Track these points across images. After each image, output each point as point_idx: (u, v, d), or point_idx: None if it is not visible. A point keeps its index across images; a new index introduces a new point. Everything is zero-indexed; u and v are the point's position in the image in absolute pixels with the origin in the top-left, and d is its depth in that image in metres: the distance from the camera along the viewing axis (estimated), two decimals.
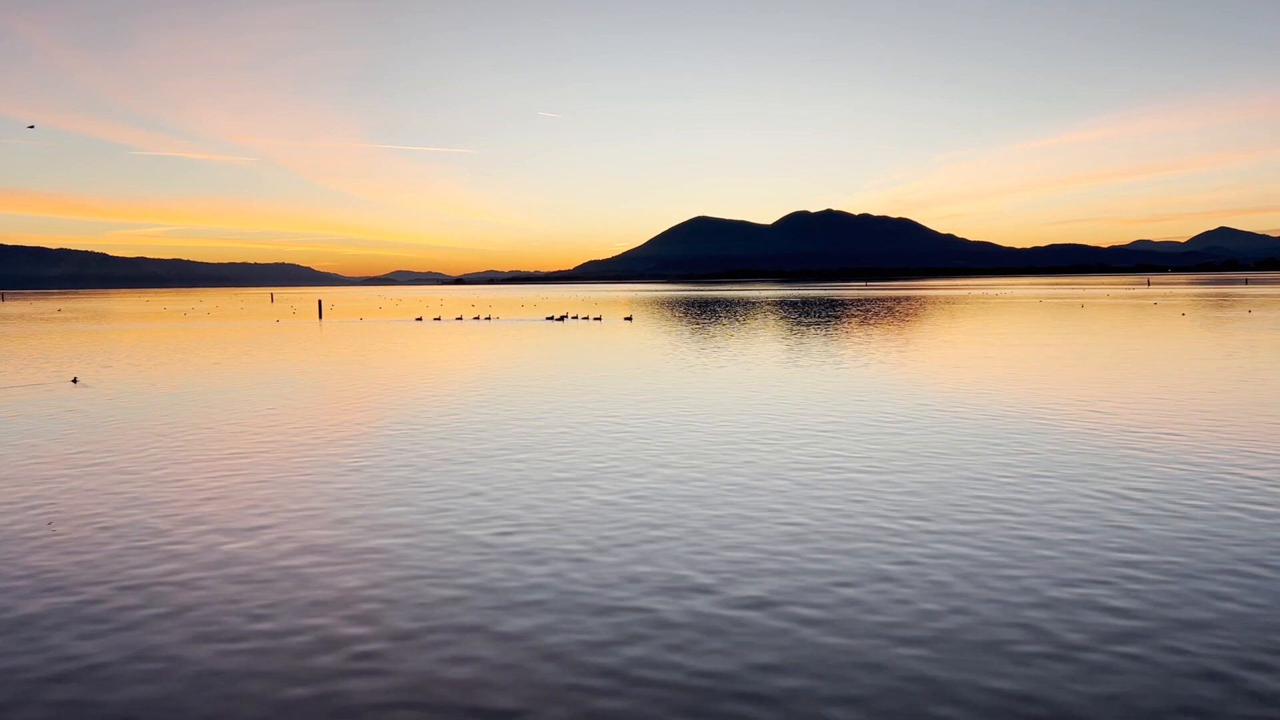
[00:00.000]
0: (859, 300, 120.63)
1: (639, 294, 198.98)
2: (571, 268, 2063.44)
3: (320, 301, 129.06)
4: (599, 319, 78.22)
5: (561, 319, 79.94)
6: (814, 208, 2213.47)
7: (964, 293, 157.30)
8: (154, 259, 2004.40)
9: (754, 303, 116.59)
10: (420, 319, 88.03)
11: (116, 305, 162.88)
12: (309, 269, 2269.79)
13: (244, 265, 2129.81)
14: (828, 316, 76.49)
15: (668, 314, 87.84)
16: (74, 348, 51.89)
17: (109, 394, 29.39)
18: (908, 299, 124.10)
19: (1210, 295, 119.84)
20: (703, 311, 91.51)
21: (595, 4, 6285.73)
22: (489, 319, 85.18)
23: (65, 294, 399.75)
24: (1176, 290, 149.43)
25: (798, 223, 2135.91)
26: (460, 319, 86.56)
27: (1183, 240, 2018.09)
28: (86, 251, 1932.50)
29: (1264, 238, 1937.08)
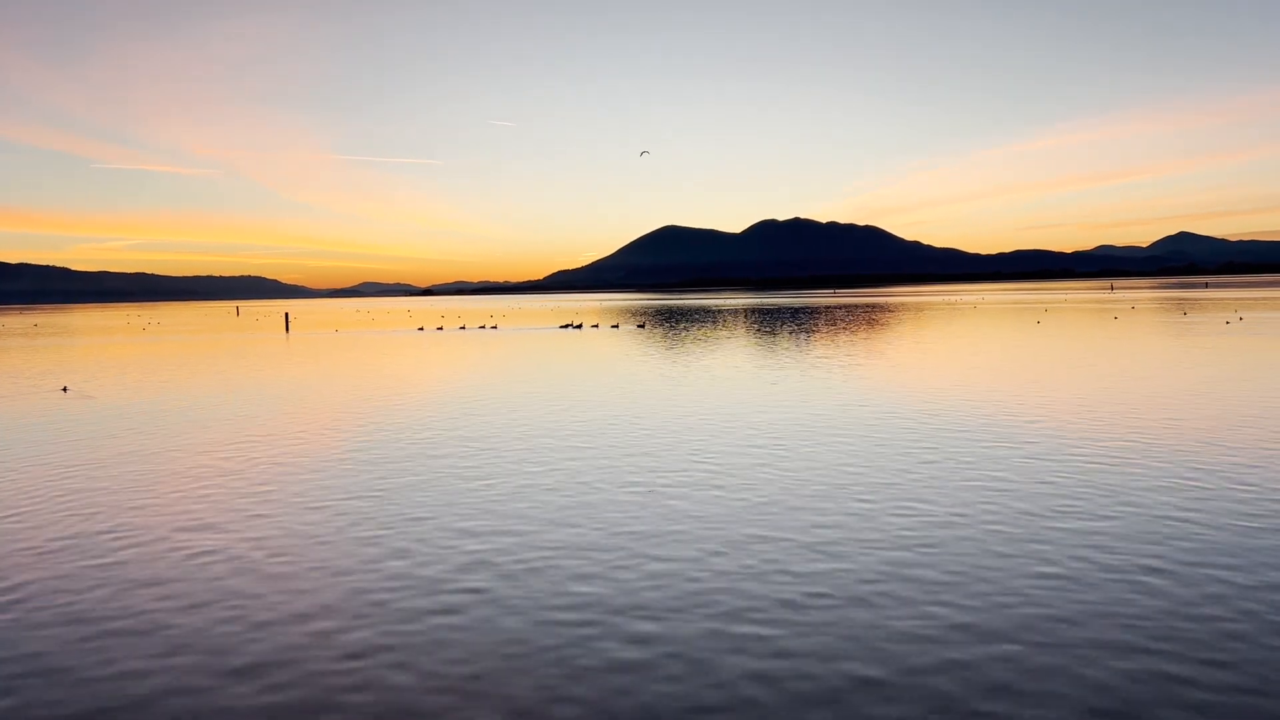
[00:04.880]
0: (832, 308, 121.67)
1: (611, 303, 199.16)
2: (541, 277, 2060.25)
3: (287, 314, 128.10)
4: (616, 326, 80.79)
5: (578, 327, 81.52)
6: (782, 216, 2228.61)
7: (930, 299, 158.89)
8: (117, 273, 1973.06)
9: (732, 311, 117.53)
10: (422, 329, 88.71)
11: (83, 320, 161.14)
12: (275, 281, 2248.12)
13: (209, 278, 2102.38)
14: (820, 325, 77.22)
15: (660, 322, 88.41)
16: (57, 360, 51.97)
17: (103, 401, 29.85)
18: (875, 307, 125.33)
19: (1168, 299, 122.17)
20: (691, 320, 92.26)
21: (564, 12, 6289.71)
22: (494, 328, 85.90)
23: (26, 309, 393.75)
24: (1139, 295, 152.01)
25: (766, 231, 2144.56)
26: (464, 328, 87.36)
27: (1144, 245, 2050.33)
28: (47, 266, 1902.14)
29: (1223, 242, 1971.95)
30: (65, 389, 35.51)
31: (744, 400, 27.39)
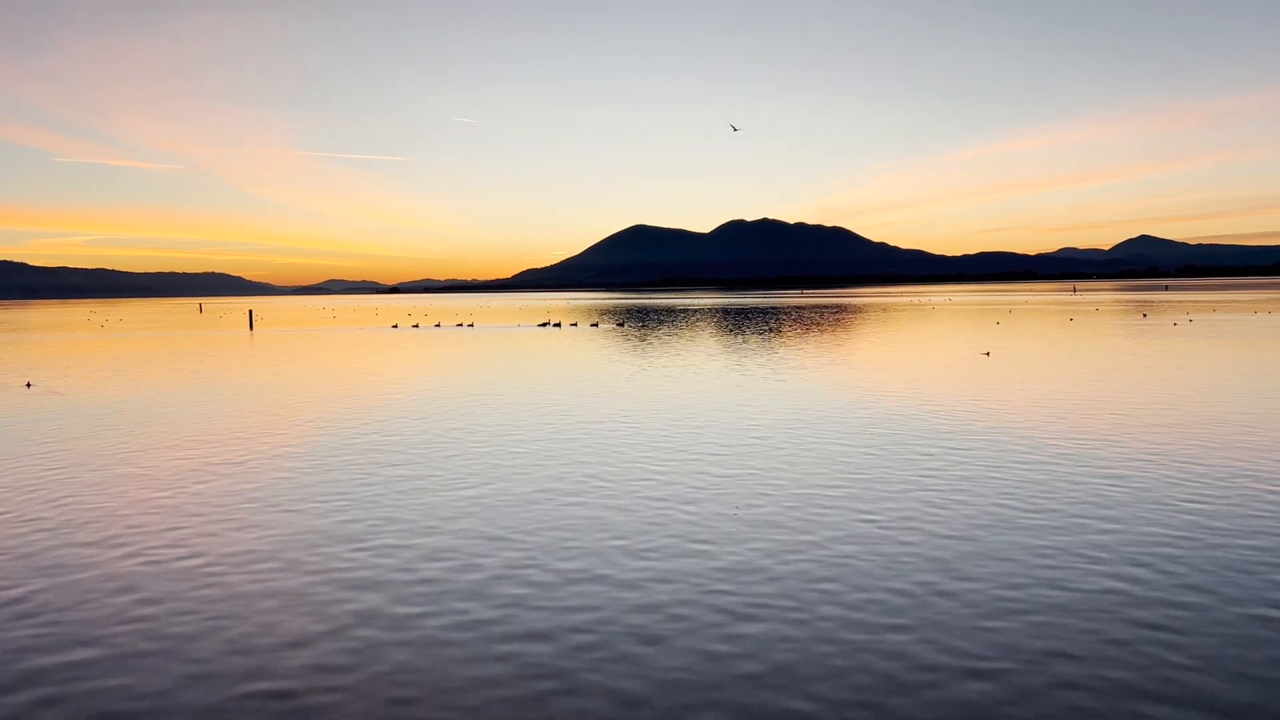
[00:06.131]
0: (801, 308, 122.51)
1: (582, 302, 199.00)
2: (509, 276, 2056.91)
3: (251, 312, 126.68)
4: (595, 325, 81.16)
5: (558, 325, 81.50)
6: (750, 216, 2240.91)
7: (897, 300, 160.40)
8: (76, 268, 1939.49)
9: (705, 311, 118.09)
10: (396, 326, 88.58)
11: (42, 316, 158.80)
12: (240, 278, 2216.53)
13: (171, 275, 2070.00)
14: (793, 326, 77.74)
15: (635, 321, 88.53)
16: (18, 356, 51.20)
17: (70, 398, 29.52)
18: (845, 308, 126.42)
19: (1129, 301, 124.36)
20: (665, 319, 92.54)
21: (530, 10, 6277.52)
22: (471, 326, 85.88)
23: None
24: (1102, 297, 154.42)
25: (735, 231, 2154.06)
26: (439, 326, 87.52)
27: (1106, 248, 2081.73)
28: (5, 261, 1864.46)
29: (1182, 245, 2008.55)
30: (29, 385, 35.12)
31: (730, 400, 27.67)
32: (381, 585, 11.11)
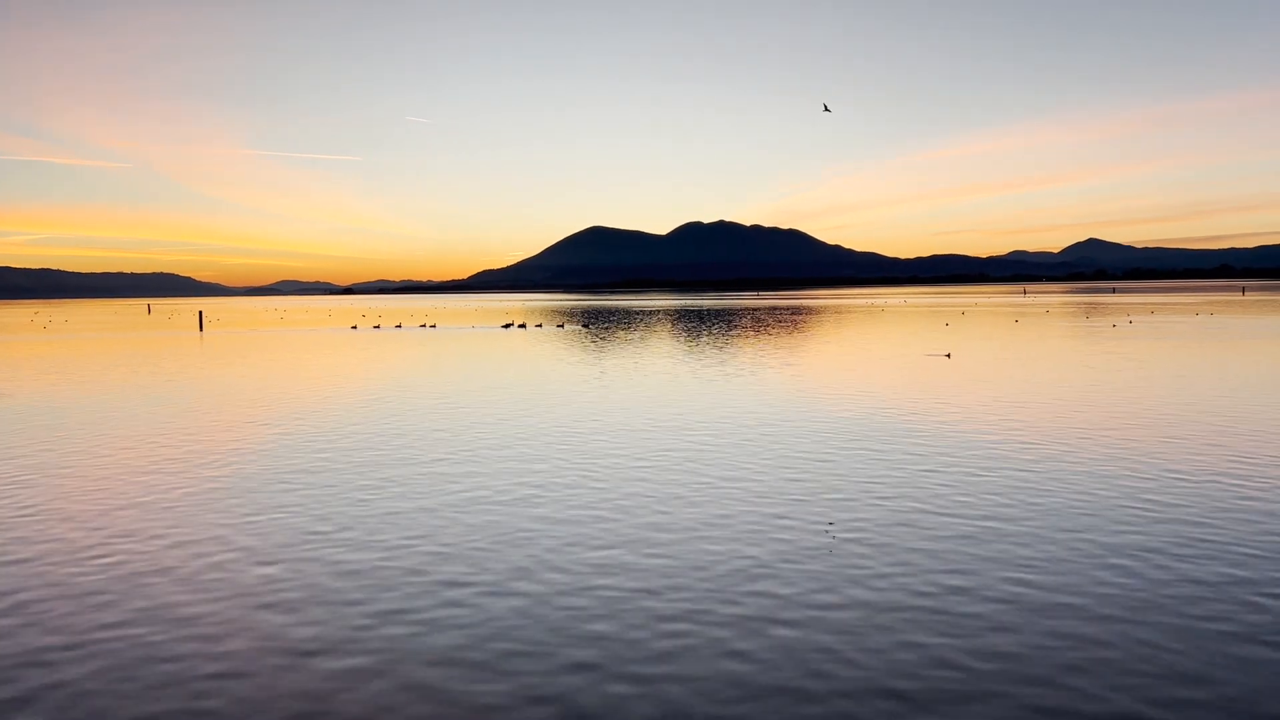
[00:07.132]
0: (759, 310, 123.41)
1: (540, 303, 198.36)
2: (466, 277, 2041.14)
3: (201, 313, 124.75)
4: (561, 326, 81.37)
5: (522, 326, 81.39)
6: (707, 218, 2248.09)
7: (852, 302, 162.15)
8: (18, 269, 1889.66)
9: (665, 312, 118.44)
10: (355, 327, 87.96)
11: None
12: (189, 279, 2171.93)
13: (119, 275, 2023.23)
14: (757, 328, 78.22)
15: (597, 322, 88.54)
16: None
17: (18, 400, 28.87)
18: (803, 309, 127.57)
19: (1078, 304, 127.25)
20: (628, 320, 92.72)
21: (488, 10, 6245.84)
22: (433, 327, 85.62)
23: None
24: (1051, 299, 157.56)
25: (691, 233, 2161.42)
26: (399, 326, 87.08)
27: (1055, 251, 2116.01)
28: None
29: (1129, 248, 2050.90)
30: None
31: (719, 402, 27.95)
32: (373, 591, 11.24)
